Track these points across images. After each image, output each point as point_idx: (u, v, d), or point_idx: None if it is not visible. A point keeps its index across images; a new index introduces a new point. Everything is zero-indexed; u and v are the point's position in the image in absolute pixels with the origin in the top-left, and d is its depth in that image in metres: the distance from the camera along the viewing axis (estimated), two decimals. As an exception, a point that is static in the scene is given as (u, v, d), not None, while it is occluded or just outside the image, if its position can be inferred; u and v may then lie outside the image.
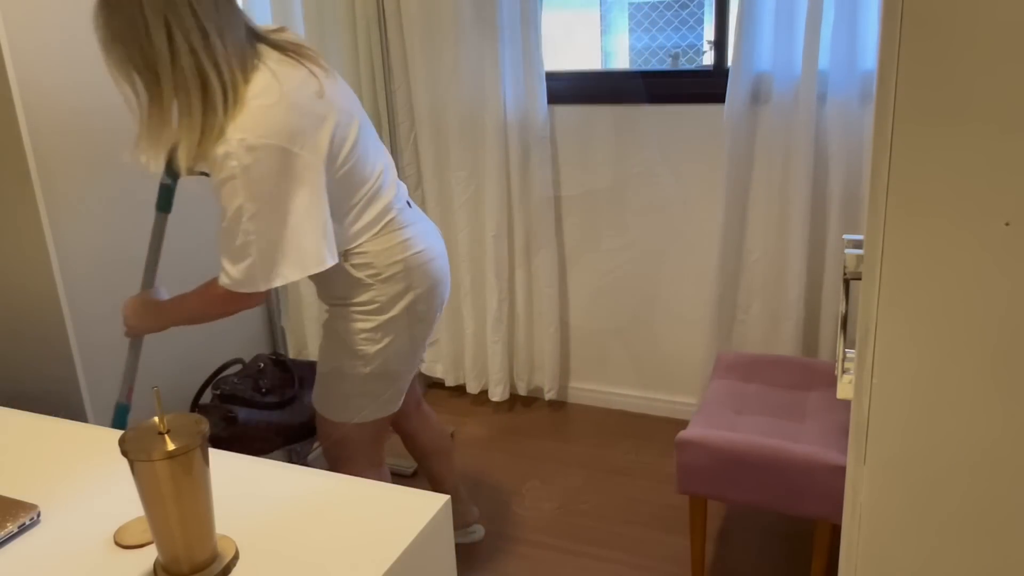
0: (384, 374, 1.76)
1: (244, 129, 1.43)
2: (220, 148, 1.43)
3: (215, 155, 1.43)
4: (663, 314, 2.89)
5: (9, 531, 1.02)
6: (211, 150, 1.43)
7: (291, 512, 1.06)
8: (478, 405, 3.14)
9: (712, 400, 2.16)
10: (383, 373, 1.76)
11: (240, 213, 1.46)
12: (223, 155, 1.43)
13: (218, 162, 1.43)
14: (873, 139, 1.00)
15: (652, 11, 5.11)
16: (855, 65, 2.33)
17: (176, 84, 1.40)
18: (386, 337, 1.72)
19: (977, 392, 1.03)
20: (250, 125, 1.43)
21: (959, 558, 1.12)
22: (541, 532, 2.38)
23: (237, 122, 1.43)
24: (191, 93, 1.40)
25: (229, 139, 1.42)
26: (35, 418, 1.36)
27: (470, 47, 2.72)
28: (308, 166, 1.50)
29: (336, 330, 1.74)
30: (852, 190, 2.43)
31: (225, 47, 1.41)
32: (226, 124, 1.42)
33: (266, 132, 1.44)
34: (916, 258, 1.01)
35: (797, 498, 1.84)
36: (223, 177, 1.44)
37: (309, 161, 1.50)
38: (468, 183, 2.88)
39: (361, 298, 1.70)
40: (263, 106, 1.45)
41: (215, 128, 1.42)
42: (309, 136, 1.50)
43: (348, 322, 1.72)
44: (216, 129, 1.42)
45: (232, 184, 1.44)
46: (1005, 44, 0.91)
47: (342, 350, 1.74)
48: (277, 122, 1.46)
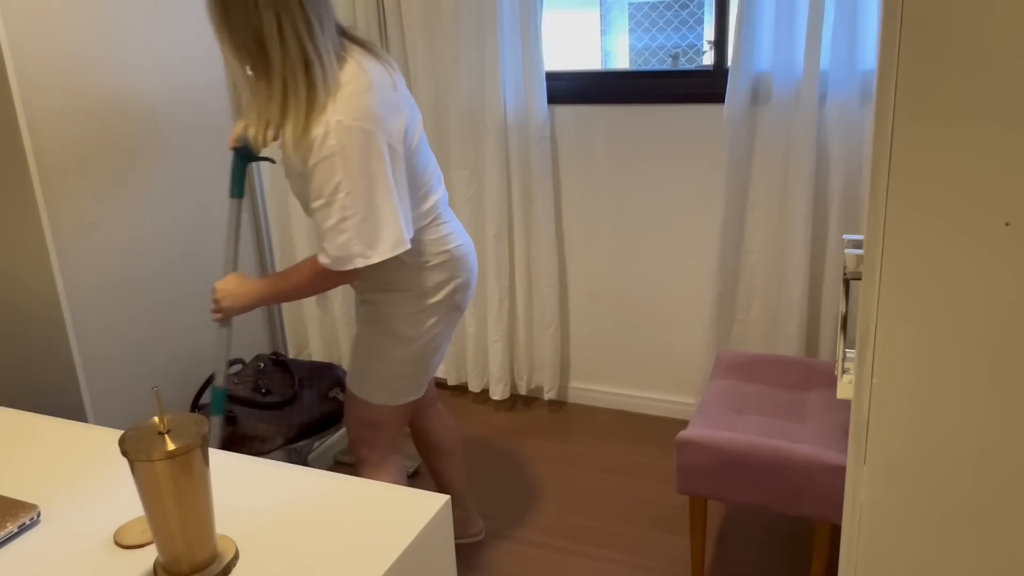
0: (421, 357, 1.86)
1: (340, 111, 1.55)
2: (319, 129, 1.54)
3: (313, 136, 1.54)
4: (663, 314, 2.89)
5: (9, 531, 1.02)
6: (310, 131, 1.54)
7: (291, 512, 1.06)
8: (479, 404, 3.15)
9: (712, 400, 2.16)
10: (420, 356, 1.86)
11: (338, 190, 1.56)
12: (322, 135, 1.54)
13: (317, 142, 1.54)
14: (873, 139, 1.00)
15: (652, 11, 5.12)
16: (855, 65, 2.33)
17: (284, 67, 1.54)
18: (428, 320, 1.83)
19: (977, 392, 1.03)
20: (345, 108, 1.55)
21: (959, 558, 1.12)
22: (541, 532, 2.38)
23: (334, 105, 1.55)
24: (297, 75, 1.54)
25: (328, 120, 1.54)
26: (35, 418, 1.36)
27: (470, 47, 2.72)
28: (391, 151, 1.62)
29: (380, 315, 1.84)
30: (852, 190, 2.43)
31: (324, 36, 1.55)
32: (327, 104, 1.54)
33: (358, 115, 1.56)
34: (916, 258, 1.01)
35: (797, 498, 1.84)
36: (323, 156, 1.55)
37: (392, 147, 1.62)
38: (469, 183, 2.88)
39: (408, 283, 1.80)
40: (355, 91, 1.58)
41: (317, 107, 1.54)
42: (392, 124, 1.63)
43: (393, 306, 1.81)
44: (318, 108, 1.54)
45: (331, 162, 1.55)
46: (1004, 44, 0.91)
47: (385, 333, 1.83)
48: (367, 107, 1.58)
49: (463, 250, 1.87)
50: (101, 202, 1.98)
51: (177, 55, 2.13)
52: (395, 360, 1.85)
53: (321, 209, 1.59)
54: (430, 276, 1.81)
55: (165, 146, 2.12)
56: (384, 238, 1.62)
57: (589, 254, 2.93)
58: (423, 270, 1.80)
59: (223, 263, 1.90)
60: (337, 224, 1.59)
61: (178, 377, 2.21)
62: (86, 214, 1.94)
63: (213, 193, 2.27)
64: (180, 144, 2.16)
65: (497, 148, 2.78)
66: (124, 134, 2.01)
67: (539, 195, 2.81)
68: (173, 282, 2.18)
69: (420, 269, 1.80)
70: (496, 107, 2.73)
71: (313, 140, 1.55)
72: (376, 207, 1.60)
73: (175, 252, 2.18)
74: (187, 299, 2.22)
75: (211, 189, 2.26)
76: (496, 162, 2.79)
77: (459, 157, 2.85)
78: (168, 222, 2.15)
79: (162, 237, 2.14)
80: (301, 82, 1.54)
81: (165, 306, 2.16)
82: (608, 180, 2.81)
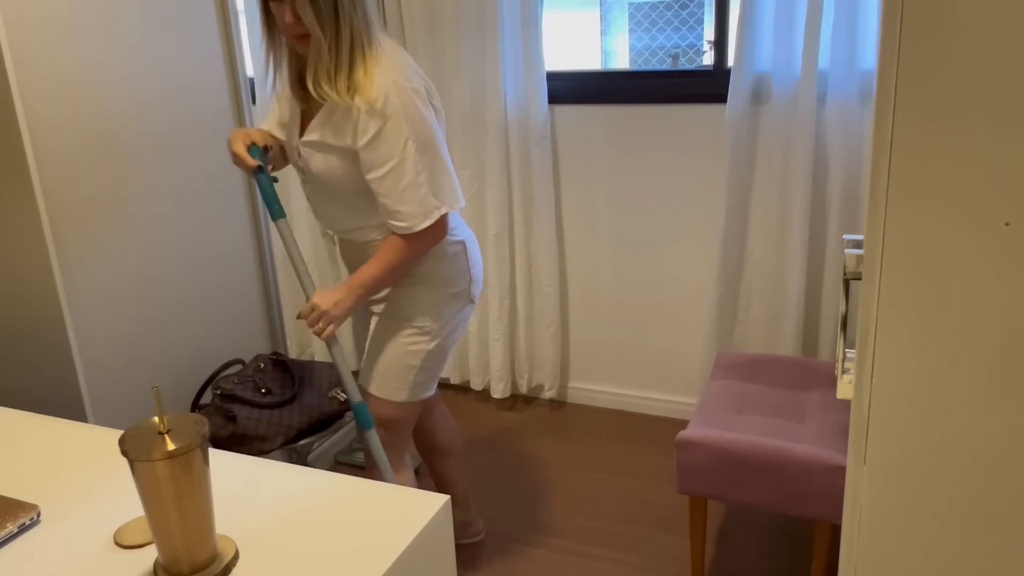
0: (442, 350, 1.88)
1: (395, 72, 1.61)
2: (376, 91, 1.59)
3: (371, 99, 1.59)
4: (663, 314, 2.89)
5: (9, 531, 1.02)
6: (367, 92, 1.60)
7: (291, 512, 1.06)
8: (480, 402, 3.15)
9: (712, 400, 2.16)
10: (442, 349, 1.88)
11: (407, 147, 1.62)
12: (384, 96, 1.59)
13: (379, 104, 1.59)
14: (873, 139, 1.00)
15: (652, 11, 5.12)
16: (855, 65, 2.33)
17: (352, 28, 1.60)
18: (449, 311, 1.85)
19: (976, 392, 1.03)
20: (398, 68, 1.63)
21: (958, 557, 1.12)
22: (541, 532, 2.38)
23: (386, 66, 1.62)
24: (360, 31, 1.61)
25: (384, 81, 1.60)
26: (35, 418, 1.36)
27: (471, 47, 2.72)
28: (436, 116, 1.70)
29: (401, 310, 1.84)
30: (852, 190, 2.43)
31: (367, 13, 1.64)
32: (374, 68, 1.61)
33: (409, 77, 1.64)
34: (916, 258, 1.01)
35: (797, 498, 1.84)
36: (389, 115, 1.60)
37: (436, 108, 1.70)
38: (471, 182, 2.88)
39: (431, 274, 1.82)
40: (400, 57, 1.66)
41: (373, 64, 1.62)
42: (430, 93, 1.71)
43: (415, 300, 1.83)
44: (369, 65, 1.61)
45: (397, 121, 1.60)
46: (1004, 44, 0.91)
47: (408, 328, 1.84)
48: (414, 71, 1.67)
49: (473, 241, 1.90)
50: (101, 202, 1.97)
51: (178, 55, 2.13)
52: (419, 354, 1.85)
53: (394, 171, 1.63)
54: (449, 267, 1.83)
55: (166, 146, 2.12)
56: (446, 192, 1.70)
57: (589, 253, 2.93)
58: (443, 260, 1.82)
59: (302, 288, 1.81)
60: (413, 180, 1.63)
61: (178, 377, 2.21)
62: (86, 214, 1.94)
63: (214, 193, 2.27)
64: (181, 144, 2.16)
65: (498, 148, 2.78)
66: (125, 134, 2.01)
67: (540, 195, 2.81)
68: (174, 282, 2.18)
69: (441, 259, 1.82)
70: (497, 107, 2.73)
71: (376, 101, 1.59)
72: (438, 161, 1.67)
73: (176, 252, 2.18)
74: (188, 299, 2.22)
75: (212, 189, 2.26)
76: (497, 162, 2.79)
77: (460, 157, 2.85)
78: (168, 222, 2.15)
79: (162, 237, 2.14)
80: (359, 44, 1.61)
81: (166, 306, 2.16)
82: (608, 180, 2.81)
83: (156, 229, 2.12)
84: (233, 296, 2.37)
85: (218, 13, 2.23)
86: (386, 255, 1.73)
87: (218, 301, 2.31)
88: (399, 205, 1.66)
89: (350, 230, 1.83)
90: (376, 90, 1.60)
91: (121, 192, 2.02)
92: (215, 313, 2.30)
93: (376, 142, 1.62)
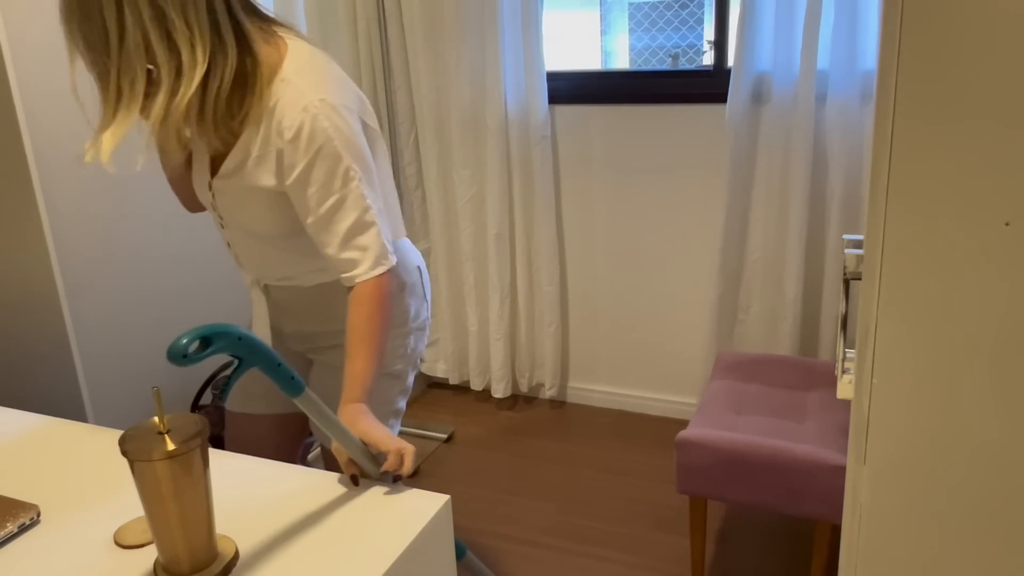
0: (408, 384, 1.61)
1: (319, 89, 1.27)
2: (297, 114, 1.25)
3: (294, 122, 1.25)
4: (663, 314, 2.89)
5: (9, 531, 1.02)
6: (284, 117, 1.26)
7: (291, 512, 1.06)
8: (481, 402, 3.15)
9: (712, 400, 2.16)
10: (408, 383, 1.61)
11: (349, 177, 1.28)
12: (310, 117, 1.25)
13: (305, 128, 1.25)
14: (873, 139, 1.00)
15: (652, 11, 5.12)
16: (855, 65, 2.33)
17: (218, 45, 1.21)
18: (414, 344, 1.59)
19: (977, 392, 1.03)
20: (320, 81, 1.29)
21: (959, 557, 1.12)
22: (541, 532, 2.38)
23: (302, 79, 1.28)
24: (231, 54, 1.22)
25: (307, 102, 1.25)
26: (35, 418, 1.36)
27: (471, 47, 2.72)
28: (372, 134, 1.38)
29: None
30: (852, 190, 2.43)
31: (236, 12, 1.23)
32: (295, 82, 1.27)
33: (336, 91, 1.30)
34: (916, 258, 1.01)
35: (797, 498, 1.84)
36: (319, 143, 1.26)
37: (370, 129, 1.39)
38: (471, 182, 2.88)
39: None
40: (322, 66, 1.32)
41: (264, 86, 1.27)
42: (363, 110, 1.38)
43: None
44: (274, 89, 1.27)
45: (331, 147, 1.26)
46: (1004, 44, 0.91)
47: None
48: (339, 84, 1.33)
49: (422, 262, 1.62)
50: (102, 202, 1.97)
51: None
52: (392, 400, 1.56)
53: (335, 209, 1.29)
54: (410, 300, 1.55)
55: (165, 146, 2.12)
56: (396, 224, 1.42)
57: (590, 253, 2.93)
58: (402, 295, 1.53)
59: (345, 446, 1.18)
60: (360, 217, 1.30)
61: (178, 377, 2.21)
62: (86, 214, 1.94)
63: (213, 193, 2.27)
64: (180, 144, 2.16)
65: (498, 148, 2.78)
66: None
67: (540, 194, 2.82)
68: (174, 282, 2.18)
69: (400, 293, 1.52)
70: (497, 107, 2.73)
71: (301, 129, 1.25)
72: (383, 195, 1.36)
73: (176, 252, 2.18)
74: (188, 299, 2.22)
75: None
76: (497, 162, 2.79)
77: (460, 157, 2.85)
78: (169, 222, 2.15)
79: (163, 237, 2.14)
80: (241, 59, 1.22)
81: (166, 306, 2.16)
82: (608, 180, 2.82)
83: (157, 229, 2.12)
84: (233, 296, 2.37)
85: (218, 13, 2.23)
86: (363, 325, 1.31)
87: (218, 301, 2.31)
88: (346, 252, 1.31)
89: (288, 277, 1.50)
90: (298, 113, 1.25)
91: (122, 191, 2.02)
92: (215, 313, 2.30)
93: (308, 178, 1.28)
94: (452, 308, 3.10)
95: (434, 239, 3.04)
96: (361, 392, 1.29)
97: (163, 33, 1.14)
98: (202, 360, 0.94)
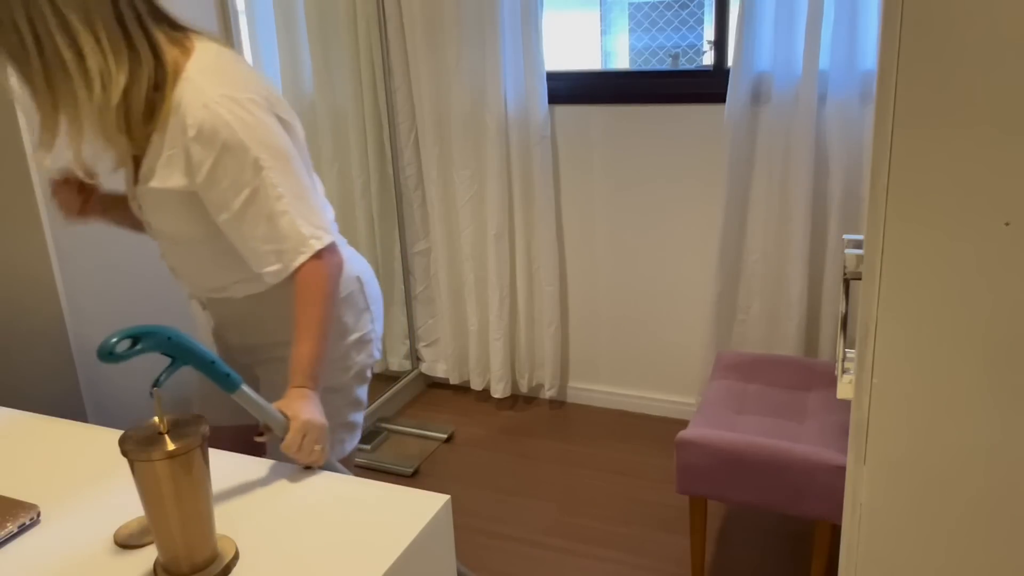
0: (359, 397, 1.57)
1: (220, 85, 1.26)
2: (199, 111, 1.24)
3: (196, 119, 1.24)
4: (663, 314, 2.89)
5: (9, 531, 1.02)
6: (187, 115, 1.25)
7: (291, 512, 1.06)
8: (481, 402, 3.15)
9: (712, 400, 2.16)
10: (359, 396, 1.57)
11: (259, 166, 1.26)
12: (212, 113, 1.24)
13: (208, 124, 1.24)
14: (873, 139, 1.00)
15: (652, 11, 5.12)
16: (855, 65, 2.33)
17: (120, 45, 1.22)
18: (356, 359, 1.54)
19: (977, 392, 1.03)
20: (222, 78, 1.28)
21: (959, 557, 1.12)
22: (541, 532, 2.38)
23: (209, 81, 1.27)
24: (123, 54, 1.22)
25: (208, 96, 1.25)
26: (35, 418, 1.36)
27: (471, 47, 2.72)
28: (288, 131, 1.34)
29: None
30: (852, 190, 2.43)
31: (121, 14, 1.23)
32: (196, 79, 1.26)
33: (241, 87, 1.29)
34: (916, 258, 1.01)
35: (797, 498, 1.84)
36: (223, 137, 1.25)
37: (286, 121, 1.35)
38: (471, 183, 2.88)
39: None
40: (226, 64, 1.31)
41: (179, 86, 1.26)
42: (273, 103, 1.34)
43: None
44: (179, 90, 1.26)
45: (236, 140, 1.25)
46: (1004, 44, 0.91)
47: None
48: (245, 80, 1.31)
49: (370, 275, 1.58)
50: (101, 202, 1.97)
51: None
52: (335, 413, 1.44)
53: (248, 204, 1.27)
54: (347, 311, 1.51)
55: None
56: (322, 218, 1.34)
57: (589, 253, 2.93)
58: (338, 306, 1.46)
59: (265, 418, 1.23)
60: (274, 207, 1.28)
61: (178, 377, 2.21)
62: (86, 214, 1.94)
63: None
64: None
65: (498, 148, 2.78)
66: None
67: (540, 194, 2.82)
68: (174, 282, 2.17)
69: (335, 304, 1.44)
70: (497, 107, 2.73)
71: (203, 124, 1.24)
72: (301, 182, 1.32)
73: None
74: (188, 299, 2.22)
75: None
76: (497, 162, 2.79)
77: (460, 157, 2.85)
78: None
79: (162, 237, 2.14)
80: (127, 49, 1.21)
81: (166, 306, 2.16)
82: (608, 180, 2.82)
83: (156, 229, 2.12)
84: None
85: (218, 13, 2.23)
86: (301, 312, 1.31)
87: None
88: (267, 244, 1.29)
89: (219, 288, 1.47)
90: (199, 110, 1.24)
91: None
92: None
93: (216, 174, 1.26)
94: (452, 308, 3.10)
95: (434, 239, 3.04)
96: (302, 378, 1.29)
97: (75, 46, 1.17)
98: (130, 358, 1.01)
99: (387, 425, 2.98)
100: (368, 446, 2.83)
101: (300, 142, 1.38)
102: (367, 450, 2.81)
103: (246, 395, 1.16)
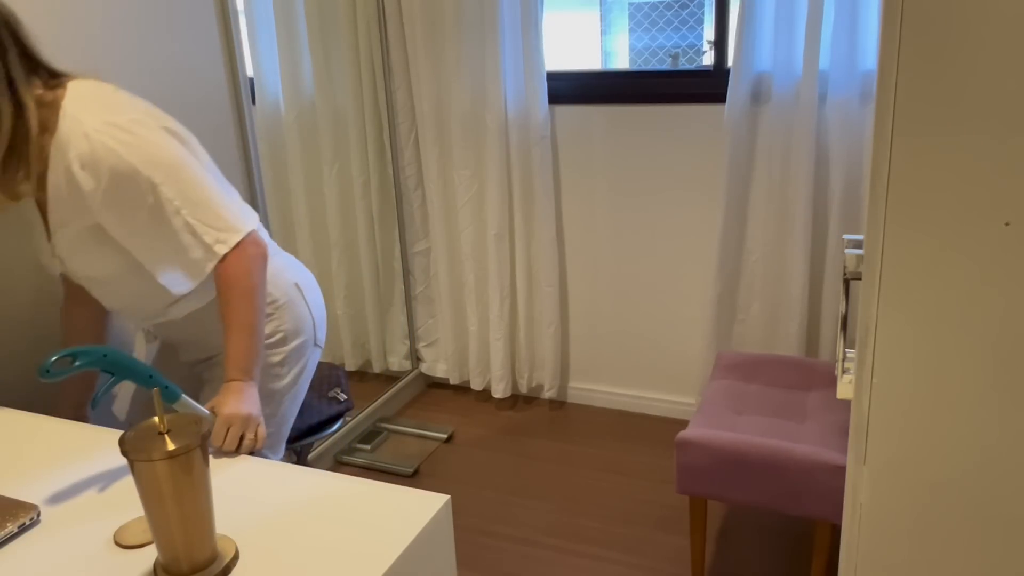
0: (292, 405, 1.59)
1: (99, 113, 1.26)
2: (82, 142, 1.24)
3: (81, 151, 1.25)
4: (663, 314, 2.89)
5: (9, 531, 1.02)
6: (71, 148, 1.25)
7: (291, 512, 1.06)
8: (481, 402, 3.15)
9: (712, 400, 2.16)
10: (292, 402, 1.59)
11: (152, 184, 1.27)
12: (94, 143, 1.24)
13: (93, 154, 1.25)
14: (873, 139, 1.00)
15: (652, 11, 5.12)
16: (855, 65, 2.33)
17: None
18: (294, 365, 1.56)
19: (977, 392, 1.03)
20: (100, 109, 1.28)
21: (959, 557, 1.12)
22: (541, 532, 2.38)
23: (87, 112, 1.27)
24: None
25: (89, 126, 1.25)
26: (35, 418, 1.36)
27: (471, 47, 2.72)
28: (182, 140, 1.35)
29: None
30: (852, 190, 2.43)
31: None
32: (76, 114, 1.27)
33: (120, 112, 1.29)
34: (916, 258, 1.01)
35: (797, 498, 1.84)
36: (110, 163, 1.25)
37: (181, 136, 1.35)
38: (471, 183, 2.88)
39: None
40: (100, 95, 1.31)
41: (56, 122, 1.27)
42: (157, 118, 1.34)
43: None
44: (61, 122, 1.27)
45: (124, 163, 1.25)
46: (1004, 44, 0.91)
47: None
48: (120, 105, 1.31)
49: (310, 281, 1.59)
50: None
51: (178, 55, 2.13)
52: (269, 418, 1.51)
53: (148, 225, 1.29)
54: (285, 317, 1.52)
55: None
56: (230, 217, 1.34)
57: (589, 253, 2.93)
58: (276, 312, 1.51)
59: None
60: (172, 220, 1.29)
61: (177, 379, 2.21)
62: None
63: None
64: (180, 144, 2.16)
65: (498, 148, 2.78)
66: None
67: (540, 195, 2.82)
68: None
69: (274, 311, 1.51)
70: (497, 107, 2.73)
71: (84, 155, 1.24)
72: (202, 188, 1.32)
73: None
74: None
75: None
76: (497, 162, 2.79)
77: (460, 157, 2.85)
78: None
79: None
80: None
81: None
82: (608, 180, 2.82)
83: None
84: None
85: (218, 13, 2.23)
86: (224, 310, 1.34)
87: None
88: (176, 259, 1.32)
89: (159, 313, 1.49)
90: (82, 141, 1.24)
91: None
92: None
93: (109, 201, 1.27)
94: (452, 308, 3.10)
95: (434, 239, 3.04)
96: (234, 371, 1.32)
97: None
98: (67, 375, 1.09)
99: (387, 425, 2.98)
100: (368, 446, 2.83)
101: (198, 150, 1.39)
102: (367, 450, 2.81)
103: (187, 404, 1.23)
